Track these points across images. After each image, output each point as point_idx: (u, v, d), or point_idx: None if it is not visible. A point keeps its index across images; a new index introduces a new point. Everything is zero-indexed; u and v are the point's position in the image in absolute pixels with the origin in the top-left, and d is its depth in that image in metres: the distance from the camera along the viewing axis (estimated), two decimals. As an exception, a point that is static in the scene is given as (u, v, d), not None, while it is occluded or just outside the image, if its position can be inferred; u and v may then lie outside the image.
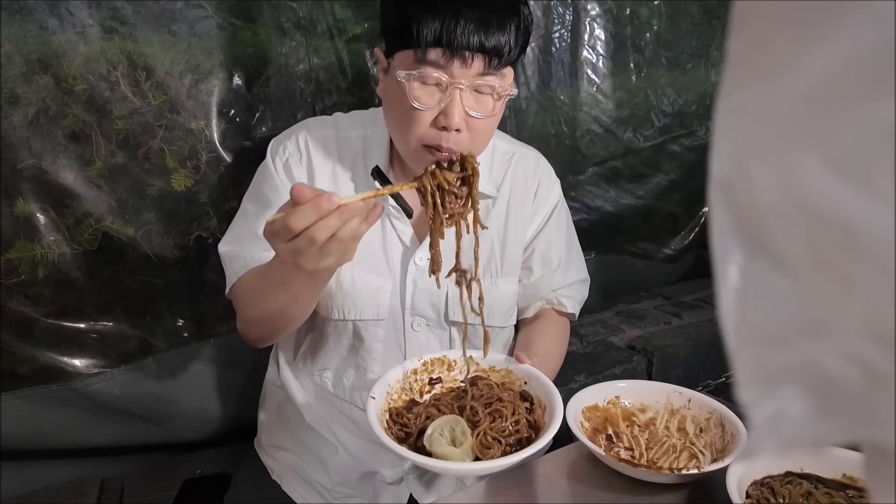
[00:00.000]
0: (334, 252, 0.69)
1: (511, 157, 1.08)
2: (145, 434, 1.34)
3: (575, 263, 1.15)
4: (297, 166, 0.98)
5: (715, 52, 2.04)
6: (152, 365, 1.30)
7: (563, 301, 1.11)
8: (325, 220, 0.66)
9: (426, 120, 0.86)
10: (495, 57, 0.82)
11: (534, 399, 0.82)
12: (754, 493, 0.73)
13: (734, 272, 0.23)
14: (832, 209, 0.20)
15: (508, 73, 0.87)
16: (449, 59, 0.81)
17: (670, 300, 2.14)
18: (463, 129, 0.86)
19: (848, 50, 0.20)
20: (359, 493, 1.04)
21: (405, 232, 0.99)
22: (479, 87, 0.85)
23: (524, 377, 0.85)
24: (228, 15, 1.24)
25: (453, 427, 0.76)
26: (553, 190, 1.11)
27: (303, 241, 0.67)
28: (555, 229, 1.11)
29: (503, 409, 0.78)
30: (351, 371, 1.02)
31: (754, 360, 0.23)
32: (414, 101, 0.84)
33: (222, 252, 0.97)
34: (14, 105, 1.08)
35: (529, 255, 1.10)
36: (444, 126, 0.85)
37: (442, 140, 0.86)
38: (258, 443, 1.15)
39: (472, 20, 0.79)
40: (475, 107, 0.85)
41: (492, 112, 0.87)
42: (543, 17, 1.69)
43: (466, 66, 0.82)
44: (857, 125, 0.20)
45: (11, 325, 1.18)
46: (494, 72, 0.84)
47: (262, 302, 0.85)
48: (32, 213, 1.15)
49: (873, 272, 0.20)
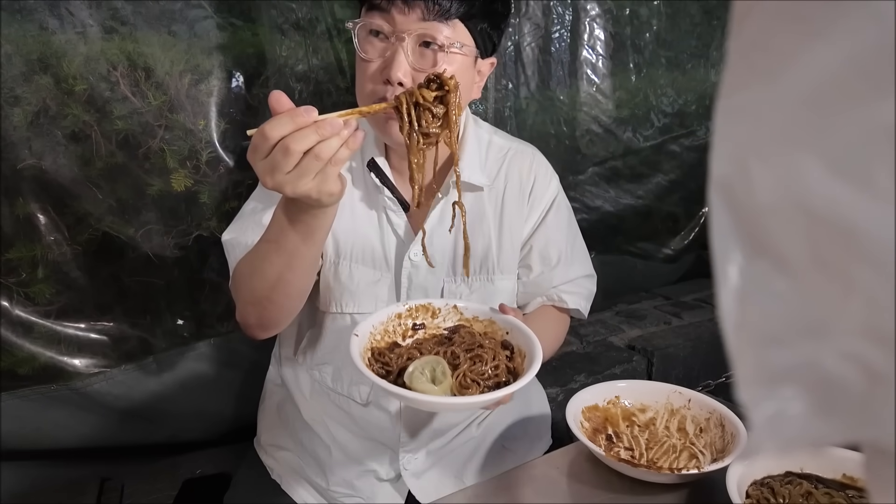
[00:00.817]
0: (312, 170, 0.67)
1: (506, 153, 1.07)
2: (145, 434, 1.34)
3: (578, 259, 1.13)
4: None
5: (714, 52, 2.04)
6: (152, 365, 1.30)
7: (563, 297, 1.09)
8: (302, 131, 0.65)
9: (374, 71, 0.86)
10: (435, 4, 0.82)
11: (514, 348, 0.83)
12: (754, 493, 0.73)
13: (734, 272, 0.23)
14: (832, 209, 0.20)
15: (459, 28, 0.86)
16: (389, 2, 0.82)
17: (670, 300, 2.14)
18: (408, 83, 0.85)
19: (848, 50, 0.20)
20: (357, 493, 1.04)
21: (400, 226, 0.99)
22: (423, 37, 0.84)
23: (506, 328, 0.85)
24: (228, 15, 1.24)
25: (434, 367, 0.77)
26: (549, 186, 1.10)
27: (278, 153, 0.65)
28: (553, 226, 1.09)
29: (484, 354, 0.79)
30: (350, 365, 1.02)
31: (754, 360, 0.23)
32: (361, 52, 0.86)
33: (225, 240, 0.96)
34: (14, 105, 1.08)
35: (528, 252, 1.09)
36: (388, 79, 0.84)
37: (387, 93, 0.85)
38: (258, 442, 1.15)
39: None
40: (419, 61, 0.85)
41: (433, 66, 0.85)
42: (543, 17, 1.69)
43: (405, 13, 0.82)
44: (857, 125, 0.20)
45: (11, 325, 1.18)
46: (438, 20, 0.83)
47: (259, 273, 0.84)
48: (33, 213, 1.15)
49: (873, 272, 0.20)
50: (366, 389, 1.01)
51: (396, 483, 1.05)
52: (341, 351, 1.02)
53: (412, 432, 1.02)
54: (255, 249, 0.86)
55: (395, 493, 1.05)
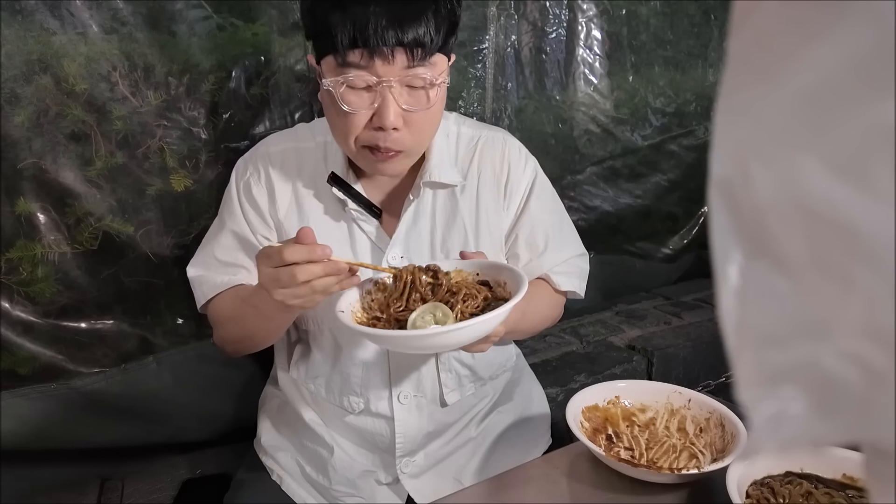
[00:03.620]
0: (303, 296, 0.76)
1: (476, 142, 1.04)
2: (145, 434, 1.34)
3: (567, 240, 1.10)
4: (256, 185, 0.99)
5: (713, 52, 2.04)
6: (152, 364, 1.30)
7: (556, 280, 1.04)
8: (313, 264, 0.74)
9: (360, 122, 0.84)
10: (418, 48, 0.80)
11: (491, 282, 0.83)
12: (754, 493, 0.73)
13: (734, 272, 0.23)
14: (832, 209, 0.20)
15: (439, 60, 0.84)
16: (369, 58, 0.79)
17: (670, 300, 2.14)
18: (400, 126, 0.84)
19: (848, 50, 0.20)
20: (358, 493, 1.04)
21: (373, 232, 0.98)
22: (409, 81, 0.82)
23: (475, 269, 0.85)
24: (228, 15, 1.24)
25: (433, 312, 0.78)
26: (526, 170, 1.06)
27: (285, 273, 0.74)
28: (536, 210, 1.05)
29: (469, 294, 0.80)
30: (337, 377, 1.02)
31: (754, 360, 0.23)
32: (345, 104, 0.82)
33: (191, 276, 1.02)
34: (14, 105, 1.08)
35: (514, 241, 1.05)
36: (380, 126, 0.83)
37: (379, 140, 0.84)
38: (258, 443, 1.15)
39: (382, 15, 0.76)
40: (410, 101, 0.83)
41: (428, 104, 0.84)
42: (540, 17, 1.69)
43: (388, 62, 0.79)
44: (857, 125, 0.20)
45: (11, 324, 1.18)
46: (422, 62, 0.81)
47: (240, 324, 0.95)
48: (33, 212, 1.15)
49: (873, 272, 0.20)
50: (358, 399, 1.01)
51: (395, 486, 1.05)
52: (328, 364, 1.02)
53: (408, 436, 1.02)
54: (234, 305, 0.95)
55: (394, 496, 1.05)
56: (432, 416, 1.03)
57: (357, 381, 1.00)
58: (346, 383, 1.01)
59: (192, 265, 1.03)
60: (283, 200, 0.99)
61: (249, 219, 1.00)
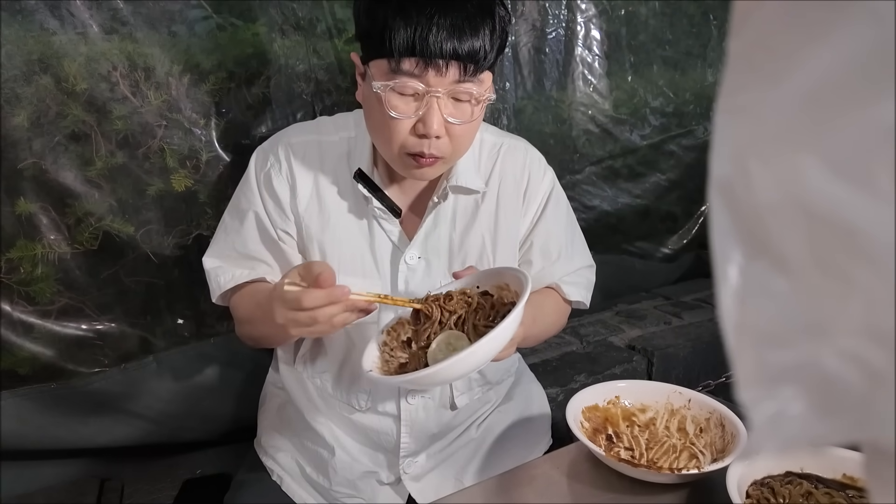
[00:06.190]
0: (322, 331, 0.78)
1: (499, 149, 1.06)
2: (145, 434, 1.34)
3: (578, 251, 1.12)
4: (277, 177, 0.98)
5: (712, 52, 2.04)
6: (152, 364, 1.30)
7: (565, 289, 1.07)
8: (332, 306, 0.74)
9: (405, 128, 0.85)
10: (471, 63, 0.81)
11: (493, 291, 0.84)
12: (754, 493, 0.73)
13: (734, 272, 0.23)
14: (832, 209, 0.20)
15: (486, 77, 0.86)
16: (423, 68, 0.80)
17: (670, 300, 2.14)
18: (443, 135, 0.85)
19: (848, 50, 0.20)
20: (358, 493, 1.04)
21: (393, 232, 0.99)
22: (456, 94, 0.84)
23: (474, 283, 0.86)
24: (228, 15, 1.24)
25: (449, 341, 0.78)
26: (544, 180, 1.08)
27: (304, 316, 0.75)
28: (552, 219, 1.08)
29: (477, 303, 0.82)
30: (348, 373, 1.02)
31: (754, 360, 0.23)
32: (391, 110, 0.83)
33: (208, 268, 1.00)
34: (14, 105, 1.09)
35: (528, 248, 1.08)
36: (424, 134, 0.84)
37: (423, 147, 0.85)
38: (258, 443, 1.15)
39: (444, 27, 0.78)
40: (454, 113, 0.85)
41: (471, 118, 0.86)
42: (539, 17, 1.69)
43: (441, 74, 0.81)
44: (857, 125, 0.20)
45: (11, 324, 1.18)
46: (471, 78, 0.83)
47: (257, 328, 0.97)
48: (33, 212, 1.15)
49: (873, 272, 0.20)
50: (365, 396, 1.01)
51: (397, 486, 1.05)
52: (339, 360, 1.02)
53: (413, 436, 1.02)
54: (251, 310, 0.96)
55: (395, 496, 1.05)
56: (440, 417, 1.03)
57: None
58: (356, 380, 1.01)
59: (208, 255, 1.01)
60: (304, 193, 0.98)
61: (269, 210, 0.98)
